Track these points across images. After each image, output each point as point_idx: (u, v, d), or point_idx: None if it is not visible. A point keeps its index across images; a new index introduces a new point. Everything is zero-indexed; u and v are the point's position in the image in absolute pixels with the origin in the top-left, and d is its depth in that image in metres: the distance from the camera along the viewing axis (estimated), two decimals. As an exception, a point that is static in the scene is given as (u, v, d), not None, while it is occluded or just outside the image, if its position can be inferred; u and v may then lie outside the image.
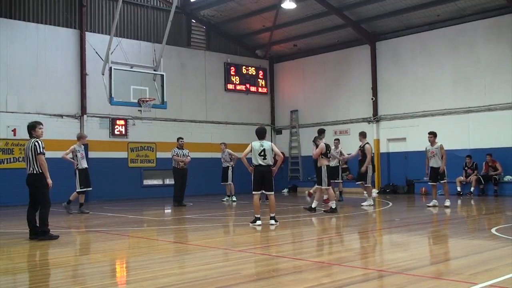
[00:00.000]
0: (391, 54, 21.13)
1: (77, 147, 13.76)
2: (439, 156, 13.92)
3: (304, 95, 24.11)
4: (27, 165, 8.95)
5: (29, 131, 9.08)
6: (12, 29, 18.05)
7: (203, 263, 6.72)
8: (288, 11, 20.70)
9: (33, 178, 8.90)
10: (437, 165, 13.94)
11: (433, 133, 14.28)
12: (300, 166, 24.13)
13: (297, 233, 9.81)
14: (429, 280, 5.36)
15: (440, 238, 8.71)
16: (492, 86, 18.25)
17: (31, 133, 9.05)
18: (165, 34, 16.00)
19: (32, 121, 9.31)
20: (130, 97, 15.12)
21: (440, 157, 13.92)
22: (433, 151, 13.98)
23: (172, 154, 16.07)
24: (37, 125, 9.12)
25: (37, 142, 8.89)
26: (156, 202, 17.98)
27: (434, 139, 14.12)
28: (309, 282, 5.34)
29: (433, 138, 14.13)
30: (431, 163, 14.07)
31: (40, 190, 8.92)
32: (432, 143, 14.12)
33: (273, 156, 10.60)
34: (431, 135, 14.21)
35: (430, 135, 14.25)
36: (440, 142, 14.14)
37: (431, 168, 14.08)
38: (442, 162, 13.87)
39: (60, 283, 5.88)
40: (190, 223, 11.99)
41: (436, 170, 13.97)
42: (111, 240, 9.17)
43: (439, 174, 13.93)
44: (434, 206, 13.88)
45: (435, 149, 13.97)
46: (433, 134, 14.22)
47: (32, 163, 8.85)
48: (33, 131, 9.02)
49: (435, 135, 14.24)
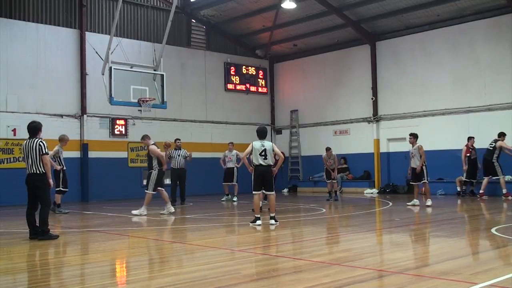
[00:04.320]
0: (391, 54, 21.13)
1: (60, 149, 13.64)
2: (417, 156, 14.04)
3: (304, 95, 24.11)
4: (28, 165, 8.89)
5: (33, 131, 8.96)
6: (12, 29, 18.05)
7: (203, 263, 6.72)
8: (288, 11, 20.70)
9: (35, 178, 8.83)
10: (416, 165, 14.07)
11: (413, 134, 14.46)
12: (300, 166, 24.12)
13: (297, 233, 9.81)
14: (429, 280, 5.36)
15: (440, 238, 8.71)
16: (492, 86, 18.25)
17: (35, 133, 8.95)
18: (165, 34, 16.00)
19: (36, 122, 9.18)
20: (130, 97, 15.11)
21: (419, 157, 14.02)
22: (412, 152, 14.16)
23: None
24: (41, 126, 9.10)
25: (42, 143, 8.88)
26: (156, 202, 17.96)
27: (414, 140, 14.26)
28: (309, 282, 5.34)
29: (413, 139, 14.28)
30: (412, 164, 14.22)
31: (43, 190, 8.89)
32: (412, 144, 14.25)
33: (274, 156, 10.60)
34: (411, 136, 14.38)
35: (410, 136, 14.42)
36: (419, 143, 14.22)
37: (412, 169, 14.22)
38: (420, 162, 13.97)
39: (60, 283, 5.88)
40: (190, 223, 12.00)
41: (415, 170, 14.09)
42: (111, 240, 9.17)
43: (419, 174, 14.04)
44: (413, 205, 13.99)
45: (414, 150, 14.13)
46: (413, 135, 14.40)
47: (35, 163, 8.79)
48: (39, 131, 8.98)
49: (416, 136, 14.38)
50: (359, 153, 21.87)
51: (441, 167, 18.78)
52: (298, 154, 24.24)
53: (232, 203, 16.79)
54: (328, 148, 17.01)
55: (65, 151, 14.15)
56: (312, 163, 22.95)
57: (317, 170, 22.29)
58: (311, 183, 23.29)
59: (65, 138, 13.90)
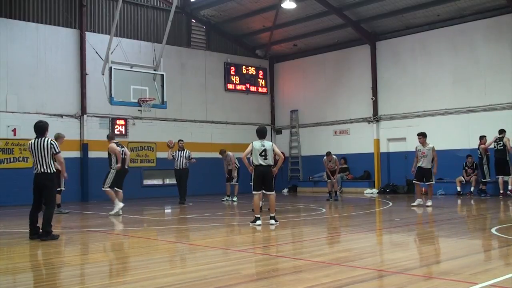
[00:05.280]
0: (391, 54, 21.13)
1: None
2: (430, 157, 13.96)
3: (304, 95, 24.10)
4: (37, 164, 8.82)
5: (40, 130, 8.93)
6: (12, 29, 18.05)
7: (203, 263, 6.72)
8: (288, 11, 20.70)
9: (45, 177, 8.79)
10: (425, 166, 13.98)
11: (422, 133, 14.33)
12: (300, 166, 24.13)
13: (297, 233, 9.80)
14: (429, 280, 5.36)
15: (440, 238, 8.70)
16: (492, 86, 18.25)
17: (42, 133, 8.93)
18: (165, 34, 16.01)
19: (43, 121, 9.16)
20: (130, 97, 15.13)
21: (431, 158, 13.94)
22: (424, 152, 14.03)
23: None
24: (48, 125, 9.14)
25: (54, 142, 8.96)
26: (156, 202, 17.99)
27: (424, 140, 14.15)
28: (309, 282, 5.33)
29: (423, 139, 14.15)
30: (421, 163, 14.09)
31: (51, 189, 8.89)
32: (423, 144, 14.14)
33: (274, 156, 10.59)
34: (421, 136, 14.23)
35: (420, 136, 14.27)
36: (431, 144, 14.18)
37: (419, 168, 14.12)
38: (435, 164, 13.95)
39: (60, 283, 5.87)
40: (190, 223, 11.99)
41: (424, 170, 14.01)
42: (111, 240, 9.16)
43: (428, 175, 13.98)
44: (418, 205, 13.96)
45: (427, 150, 14.02)
46: (423, 135, 14.26)
47: (46, 162, 8.77)
48: (46, 131, 8.99)
49: (425, 135, 14.28)
50: (359, 153, 21.87)
51: (441, 167, 18.65)
52: (298, 154, 24.25)
53: (232, 203, 16.80)
54: (329, 153, 16.97)
55: (66, 151, 14.14)
56: (312, 163, 22.96)
57: (317, 170, 22.31)
58: (311, 183, 23.29)
59: (61, 136, 13.83)
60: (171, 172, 17.59)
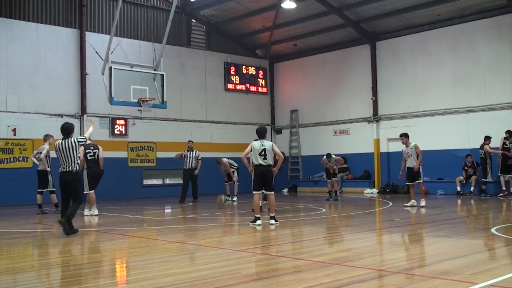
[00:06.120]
0: (391, 54, 21.13)
1: (50, 148, 13.50)
2: (414, 156, 13.92)
3: (304, 95, 24.11)
4: (63, 163, 9.41)
5: (66, 131, 9.51)
6: (12, 29, 18.05)
7: (203, 262, 6.73)
8: (288, 10, 20.70)
9: (71, 176, 9.43)
10: (412, 165, 13.94)
11: (404, 134, 14.28)
12: (300, 166, 24.13)
13: (297, 233, 9.81)
14: (429, 280, 5.36)
15: (440, 237, 8.70)
16: (492, 86, 18.25)
17: (68, 134, 9.51)
18: (165, 34, 16.00)
19: (68, 123, 9.80)
20: (130, 97, 15.13)
21: (415, 157, 13.91)
22: (408, 152, 13.99)
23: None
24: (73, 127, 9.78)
25: (76, 140, 9.52)
26: (156, 202, 17.99)
27: (406, 140, 14.12)
28: (309, 282, 5.34)
29: (405, 139, 14.13)
30: (408, 164, 14.06)
31: (75, 186, 9.53)
32: (406, 144, 14.10)
33: (274, 156, 10.59)
34: (403, 136, 14.21)
35: (401, 137, 14.25)
36: (414, 142, 14.14)
37: (408, 169, 14.09)
38: (417, 161, 13.85)
39: (60, 283, 5.88)
40: (190, 223, 11.99)
41: (411, 170, 13.97)
42: (111, 240, 9.17)
43: (414, 174, 13.92)
44: (412, 206, 13.89)
45: (410, 149, 13.98)
46: (405, 135, 14.23)
47: (71, 161, 9.38)
48: (72, 131, 9.59)
49: (407, 136, 14.24)
50: (359, 153, 21.87)
51: (441, 167, 18.82)
52: (298, 154, 24.25)
53: (232, 203, 16.80)
54: (329, 155, 16.94)
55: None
56: (312, 163, 22.94)
57: (317, 170, 22.29)
58: (311, 183, 23.29)
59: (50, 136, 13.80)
60: (171, 172, 17.71)
